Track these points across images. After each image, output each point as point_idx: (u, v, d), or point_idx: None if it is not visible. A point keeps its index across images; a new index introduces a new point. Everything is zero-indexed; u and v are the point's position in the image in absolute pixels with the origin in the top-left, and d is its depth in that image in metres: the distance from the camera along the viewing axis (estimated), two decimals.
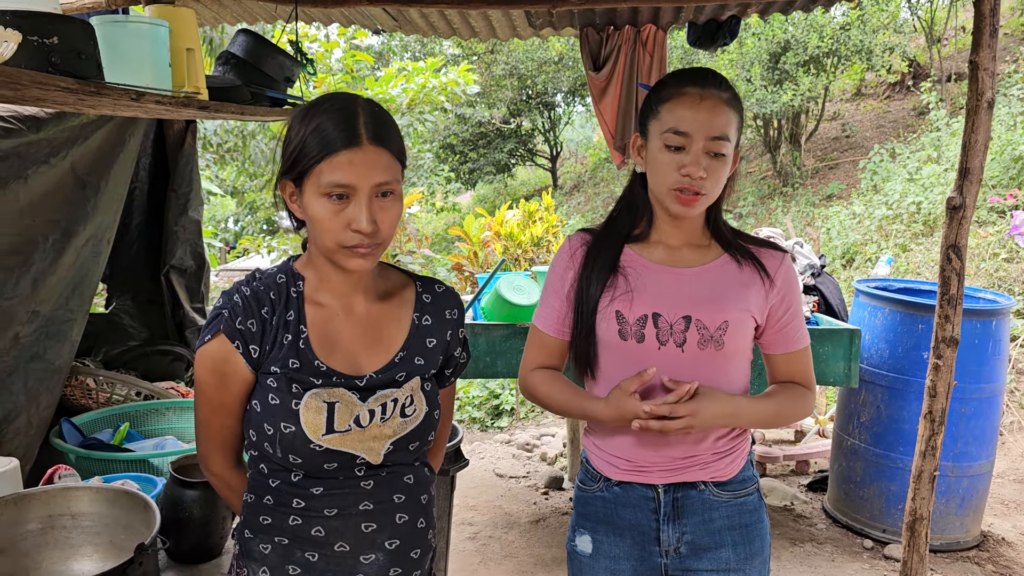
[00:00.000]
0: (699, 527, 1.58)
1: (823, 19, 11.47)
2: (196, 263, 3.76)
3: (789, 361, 1.63)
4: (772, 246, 1.61)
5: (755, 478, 1.66)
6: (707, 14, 3.99)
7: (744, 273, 1.57)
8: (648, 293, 1.55)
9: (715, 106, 1.47)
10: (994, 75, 3.07)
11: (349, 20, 4.07)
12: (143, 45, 2.28)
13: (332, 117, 1.32)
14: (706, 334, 1.52)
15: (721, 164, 1.50)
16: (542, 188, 18.21)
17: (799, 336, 1.62)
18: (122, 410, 3.03)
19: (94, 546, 1.76)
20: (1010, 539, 3.88)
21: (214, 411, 1.44)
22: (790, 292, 1.59)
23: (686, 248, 1.60)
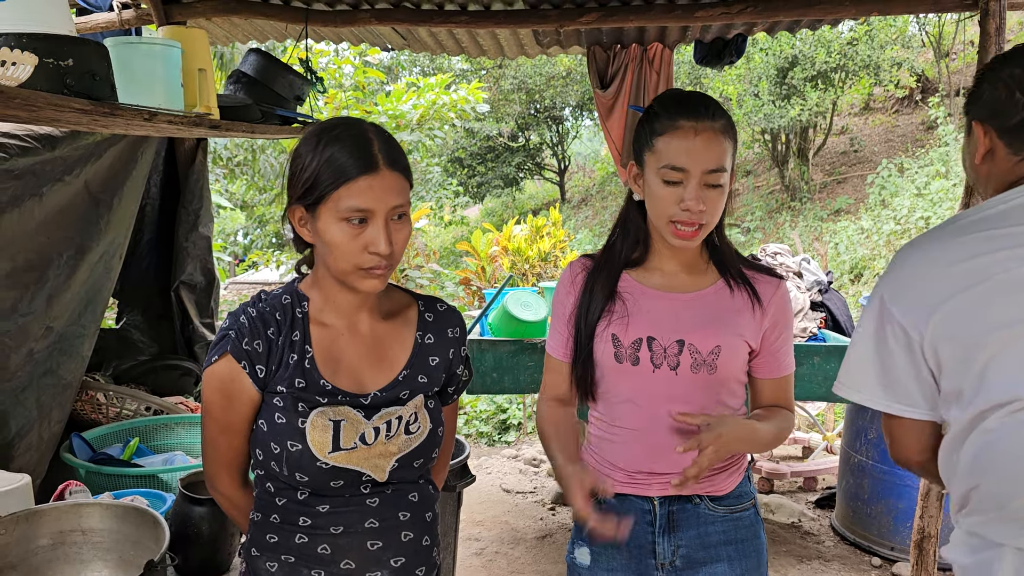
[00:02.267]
0: (694, 541, 1.60)
1: (831, 34, 11.50)
2: (206, 279, 3.79)
3: (776, 386, 1.65)
4: (769, 272, 1.64)
5: (752, 494, 1.68)
6: (713, 32, 4.02)
7: (736, 299, 1.60)
8: (643, 317, 1.58)
9: (710, 139, 1.48)
10: None
11: (359, 38, 4.12)
12: (156, 66, 2.33)
13: (347, 144, 1.35)
14: (699, 358, 1.55)
15: (719, 194, 1.52)
16: (550, 202, 18.26)
17: (788, 362, 1.66)
18: (132, 425, 3.05)
19: (104, 562, 1.78)
20: None
21: (221, 431, 1.45)
22: (783, 319, 1.62)
23: (683, 273, 1.62)
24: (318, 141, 1.37)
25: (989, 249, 1.28)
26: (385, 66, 16.13)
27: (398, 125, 6.58)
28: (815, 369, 3.61)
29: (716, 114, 1.51)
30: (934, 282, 1.32)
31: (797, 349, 3.56)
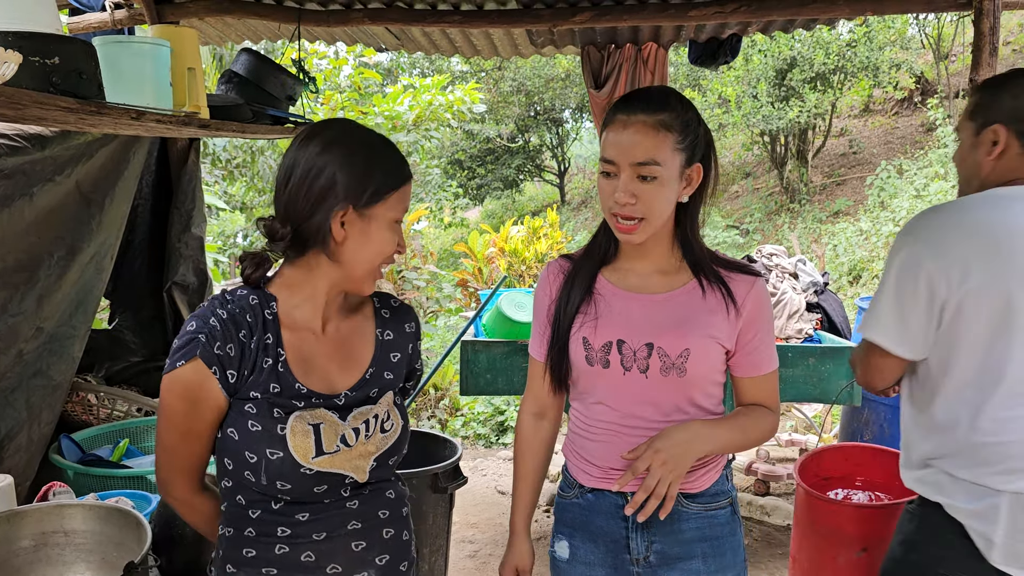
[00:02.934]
0: (668, 537, 1.59)
1: (829, 36, 11.49)
2: (198, 279, 3.78)
3: (756, 384, 1.63)
4: (745, 270, 1.60)
5: (729, 493, 1.66)
6: (708, 32, 4.02)
7: (709, 300, 1.57)
8: (614, 320, 1.57)
9: (640, 131, 1.46)
10: None
11: (352, 39, 4.11)
12: (144, 65, 2.32)
13: (390, 149, 1.42)
14: (668, 361, 1.53)
15: (656, 188, 1.48)
16: (550, 204, 18.25)
17: (767, 360, 1.62)
18: (122, 426, 3.05)
19: (87, 563, 1.77)
20: None
21: (182, 438, 1.38)
22: (760, 317, 1.58)
23: (656, 274, 1.60)
24: (359, 142, 1.39)
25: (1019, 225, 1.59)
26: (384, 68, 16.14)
27: (394, 126, 6.58)
28: (810, 371, 3.59)
29: (658, 108, 1.48)
30: (970, 247, 1.59)
31: (793, 351, 3.56)
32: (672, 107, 1.49)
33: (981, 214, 1.64)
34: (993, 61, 3.07)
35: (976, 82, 3.07)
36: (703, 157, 1.54)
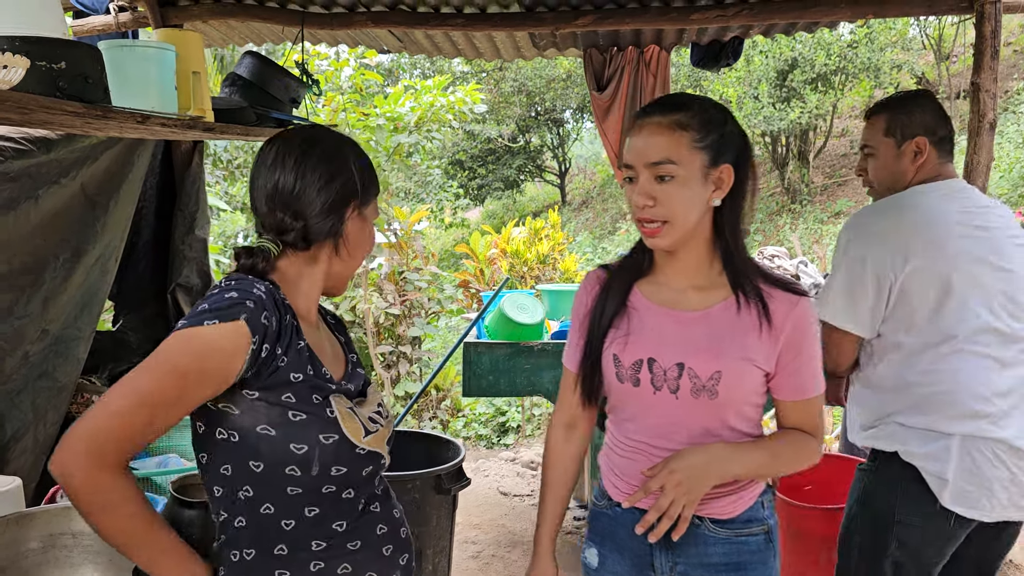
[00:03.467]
0: (692, 559, 1.55)
1: (830, 37, 11.49)
2: (202, 281, 3.79)
3: (796, 408, 1.54)
4: (788, 288, 1.49)
5: (764, 521, 1.57)
6: (710, 35, 4.03)
7: (744, 319, 1.48)
8: (645, 337, 1.53)
9: (654, 131, 1.44)
10: (995, 96, 3.09)
11: (355, 41, 4.12)
12: (149, 69, 2.33)
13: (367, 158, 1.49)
14: (698, 383, 1.47)
15: (674, 188, 1.43)
16: (551, 204, 18.26)
17: (809, 384, 1.52)
18: None
19: (94, 565, 1.78)
20: (1018, 561, 3.84)
21: (164, 407, 1.21)
22: (802, 339, 1.48)
23: (692, 289, 1.53)
24: (351, 145, 1.45)
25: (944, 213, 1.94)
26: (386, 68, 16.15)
27: (396, 127, 6.59)
28: None
29: (673, 109, 1.46)
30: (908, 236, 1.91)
31: None
32: (689, 107, 1.46)
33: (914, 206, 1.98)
34: (994, 64, 3.07)
35: (977, 85, 3.08)
36: (735, 158, 1.47)
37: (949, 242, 1.91)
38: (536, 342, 3.68)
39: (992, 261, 1.91)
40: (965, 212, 1.97)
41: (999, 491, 1.86)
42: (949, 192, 2.01)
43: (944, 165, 2.06)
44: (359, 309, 6.73)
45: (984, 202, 2.06)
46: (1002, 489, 1.86)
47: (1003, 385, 1.88)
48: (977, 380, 1.87)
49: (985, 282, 1.90)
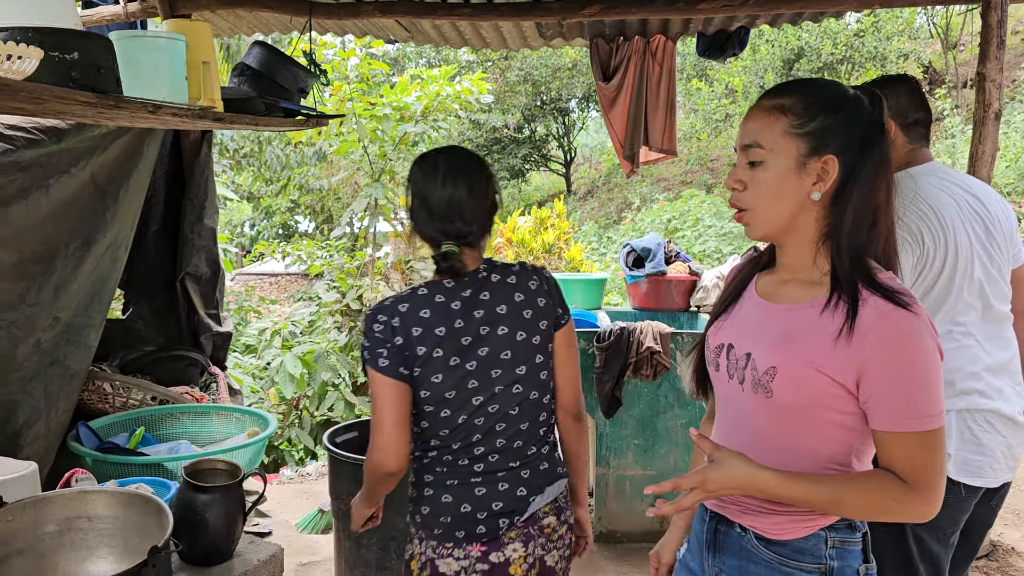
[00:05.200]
0: (735, 570, 1.45)
1: (837, 26, 11.45)
2: (211, 270, 3.82)
3: (888, 443, 1.30)
4: (888, 296, 1.28)
5: (823, 560, 1.38)
6: (716, 25, 4.03)
7: (826, 321, 1.32)
8: (733, 324, 1.48)
9: (753, 115, 1.38)
10: (1001, 86, 3.09)
11: (362, 31, 4.13)
12: (160, 59, 2.34)
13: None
14: (755, 375, 1.38)
15: (760, 174, 1.35)
16: (556, 193, 18.25)
17: (906, 414, 1.27)
18: (137, 415, 3.09)
19: (109, 548, 1.81)
20: (1020, 549, 3.86)
21: None
22: (891, 355, 1.26)
23: (792, 284, 1.42)
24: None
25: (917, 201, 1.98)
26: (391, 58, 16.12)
27: (402, 117, 6.59)
28: None
29: (780, 92, 1.38)
30: (917, 223, 1.94)
31: None
32: (800, 90, 1.36)
33: (912, 192, 2.00)
34: (1000, 54, 3.08)
35: (983, 75, 3.09)
36: (844, 149, 1.33)
37: (951, 227, 1.98)
38: None
39: (981, 243, 2.01)
40: (961, 195, 2.04)
41: (1000, 457, 2.00)
42: (935, 174, 2.08)
43: (918, 150, 2.12)
44: (366, 298, 6.75)
45: (974, 184, 2.12)
46: (1001, 455, 2.01)
47: (989, 361, 2.00)
48: (968, 359, 1.98)
49: (974, 262, 1.99)
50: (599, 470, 3.80)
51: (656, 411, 3.72)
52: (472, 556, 1.74)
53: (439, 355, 1.72)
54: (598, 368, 3.63)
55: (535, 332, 1.81)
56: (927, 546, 2.01)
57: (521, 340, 1.79)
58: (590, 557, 3.72)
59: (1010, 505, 4.38)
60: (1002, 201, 2.13)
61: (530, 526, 1.79)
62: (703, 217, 10.91)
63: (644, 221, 12.02)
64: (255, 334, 7.70)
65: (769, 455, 1.36)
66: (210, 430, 3.22)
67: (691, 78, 15.20)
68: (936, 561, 2.03)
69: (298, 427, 6.48)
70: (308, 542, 3.84)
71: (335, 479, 2.96)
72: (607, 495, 3.80)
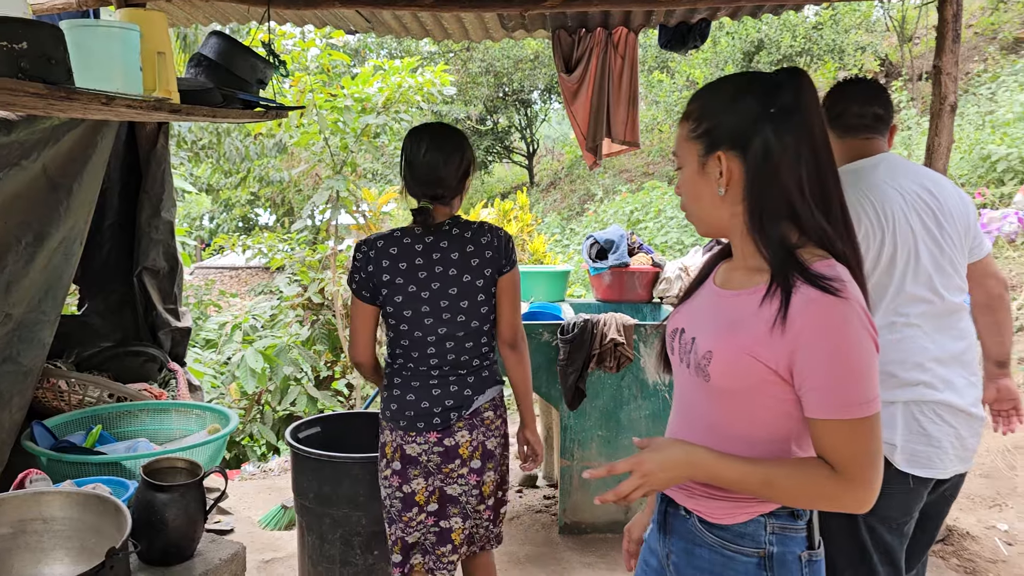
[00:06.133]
0: (683, 554, 1.48)
1: (796, 19, 11.59)
2: (169, 264, 3.76)
3: (819, 431, 1.30)
4: (817, 284, 1.28)
5: (762, 545, 1.39)
6: (677, 17, 4.04)
7: (764, 310, 1.32)
8: (689, 309, 1.52)
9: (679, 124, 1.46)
10: (956, 79, 3.15)
11: (322, 21, 4.08)
12: (113, 49, 2.29)
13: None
14: (696, 359, 1.41)
15: (682, 180, 1.44)
16: (519, 185, 18.26)
17: (831, 402, 1.27)
18: (94, 412, 3.03)
19: (65, 550, 1.78)
20: (974, 533, 3.96)
21: None
22: (818, 342, 1.26)
23: (740, 271, 1.45)
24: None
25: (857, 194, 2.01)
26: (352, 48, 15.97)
27: (364, 108, 6.52)
28: None
29: (690, 100, 1.45)
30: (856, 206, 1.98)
31: None
32: (700, 95, 1.42)
33: (853, 184, 2.02)
34: (956, 48, 3.14)
35: (939, 68, 3.14)
36: (736, 144, 1.34)
37: (892, 218, 2.00)
38: None
39: (931, 235, 2.02)
40: (909, 186, 2.06)
41: (948, 448, 2.01)
42: (881, 165, 2.10)
43: (867, 143, 2.15)
44: (328, 291, 6.69)
45: (929, 176, 2.14)
46: (951, 446, 2.01)
47: (937, 352, 2.01)
48: (913, 350, 1.99)
49: (920, 253, 2.01)
50: (564, 462, 3.81)
51: (620, 403, 3.74)
52: (430, 441, 2.26)
53: (400, 283, 2.24)
54: (562, 360, 3.64)
55: (479, 276, 2.28)
56: (880, 536, 2.04)
57: (466, 281, 2.27)
58: (554, 548, 3.74)
59: (965, 490, 4.49)
60: (960, 194, 2.13)
61: (474, 418, 2.30)
62: (665, 208, 10.98)
63: (607, 213, 12.07)
64: (215, 328, 7.60)
65: (710, 438, 1.39)
66: (169, 427, 3.17)
67: (652, 70, 15.28)
68: (890, 551, 2.05)
69: (260, 422, 6.41)
70: (271, 538, 3.80)
71: (298, 475, 2.93)
72: (572, 487, 3.82)
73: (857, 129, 2.16)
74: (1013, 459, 4.82)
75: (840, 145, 2.17)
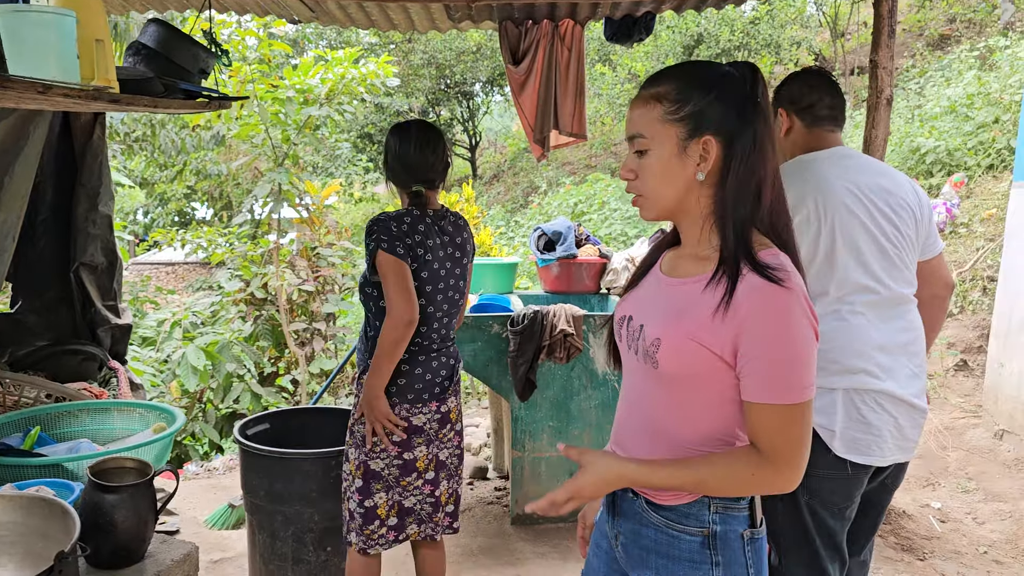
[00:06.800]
0: (631, 535, 1.52)
1: (734, 14, 11.79)
2: (108, 259, 3.64)
3: (751, 413, 1.35)
4: (762, 273, 1.32)
5: (706, 524, 1.44)
6: (623, 9, 4.07)
7: (708, 296, 1.36)
8: (636, 297, 1.55)
9: (634, 106, 1.44)
10: (892, 73, 3.24)
11: (264, 10, 3.99)
12: (48, 36, 2.20)
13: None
14: (644, 346, 1.43)
15: (647, 162, 1.41)
16: (462, 178, 18.21)
17: (769, 387, 1.32)
18: (32, 413, 2.93)
19: (9, 556, 1.71)
20: (910, 512, 4.11)
21: None
22: (758, 328, 1.31)
23: (687, 259, 1.48)
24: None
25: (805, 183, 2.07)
26: (291, 38, 15.68)
27: (306, 100, 6.41)
28: None
29: (656, 80, 1.42)
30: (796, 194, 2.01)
31: None
32: (672, 77, 1.41)
33: (799, 172, 2.11)
34: (891, 43, 3.23)
35: (875, 63, 3.23)
36: (721, 128, 1.37)
37: (833, 209, 2.03)
38: None
39: (880, 228, 2.05)
40: (860, 179, 2.08)
41: (887, 437, 2.03)
42: (834, 158, 2.14)
43: (823, 134, 2.19)
44: (271, 286, 6.58)
45: (883, 170, 2.17)
46: (889, 435, 2.04)
47: (881, 340, 2.03)
48: (855, 338, 2.02)
49: (862, 244, 2.03)
50: (515, 453, 3.82)
51: (570, 393, 3.76)
52: (431, 410, 2.49)
53: (428, 258, 2.42)
54: (512, 352, 3.65)
55: (467, 257, 2.57)
56: (822, 519, 2.08)
57: (464, 262, 2.56)
58: (507, 539, 3.75)
59: None
60: (916, 190, 2.17)
61: (456, 384, 2.59)
62: (608, 200, 11.07)
63: (551, 205, 12.11)
64: (153, 326, 7.40)
65: (658, 424, 1.44)
66: (111, 427, 3.07)
67: (595, 63, 15.38)
68: (832, 534, 2.10)
69: (202, 421, 6.27)
70: (218, 538, 3.72)
71: (247, 472, 2.88)
72: (523, 478, 3.83)
73: (825, 120, 2.19)
74: (945, 440, 5.01)
75: (806, 134, 2.20)
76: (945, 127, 8.41)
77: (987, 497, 4.34)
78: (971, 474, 4.62)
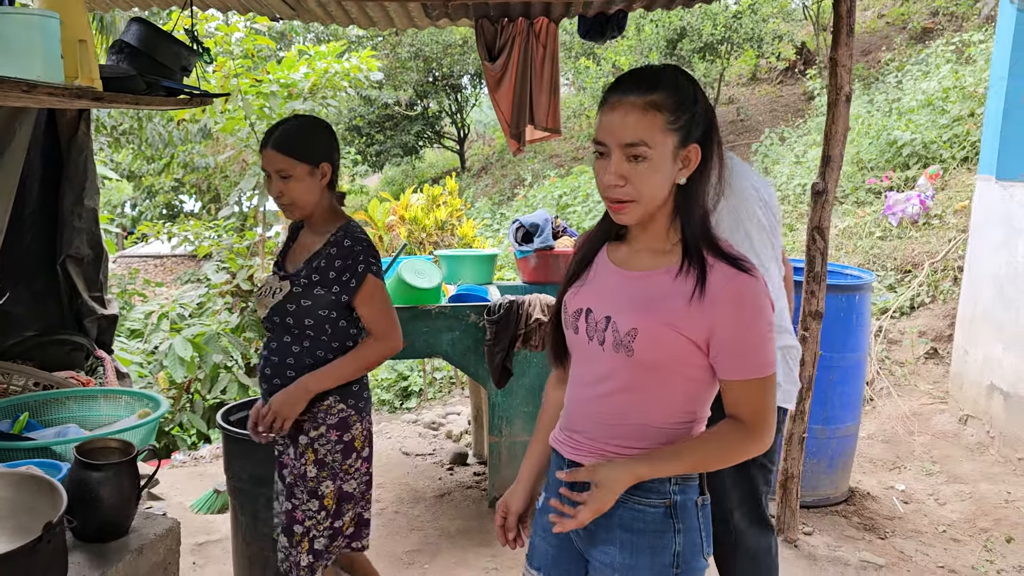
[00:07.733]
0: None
1: (717, 7, 11.89)
2: (94, 252, 3.74)
3: (735, 390, 1.52)
4: (732, 263, 1.48)
5: (668, 495, 1.56)
6: (596, 8, 4.18)
7: (679, 285, 1.49)
8: (591, 289, 1.61)
9: (627, 112, 1.45)
10: (851, 71, 3.36)
11: (246, 8, 4.08)
12: (32, 36, 2.29)
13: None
14: (618, 337, 1.51)
15: (646, 169, 1.45)
16: (450, 170, 18.26)
17: (751, 364, 1.49)
18: (20, 400, 3.03)
19: (0, 530, 1.82)
20: (875, 494, 4.25)
21: None
22: (738, 314, 1.46)
23: (645, 252, 1.57)
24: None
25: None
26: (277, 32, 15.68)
27: (290, 94, 6.50)
28: None
29: (649, 88, 1.46)
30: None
31: None
32: (664, 86, 1.46)
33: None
34: (850, 41, 3.34)
35: (834, 60, 3.35)
36: (702, 137, 1.49)
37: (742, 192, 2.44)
38: (434, 306, 3.80)
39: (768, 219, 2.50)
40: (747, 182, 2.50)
41: (795, 383, 2.58)
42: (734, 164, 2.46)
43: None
44: (257, 278, 6.67)
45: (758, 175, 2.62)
46: (795, 382, 2.57)
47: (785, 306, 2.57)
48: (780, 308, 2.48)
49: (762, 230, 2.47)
50: (492, 438, 3.94)
51: (545, 379, 3.87)
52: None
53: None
54: (489, 340, 3.76)
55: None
56: (768, 470, 2.53)
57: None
58: (484, 521, 3.88)
59: (867, 454, 4.80)
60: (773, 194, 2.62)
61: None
62: (592, 193, 11.18)
63: (536, 197, 12.22)
64: (141, 318, 7.48)
65: (628, 405, 1.55)
66: (98, 414, 3.18)
67: (579, 56, 15.47)
68: (770, 480, 2.61)
69: (189, 411, 6.36)
70: (204, 522, 3.84)
71: (230, 457, 2.99)
72: (500, 463, 3.95)
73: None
74: (912, 425, 5.15)
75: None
76: (921, 120, 8.55)
77: (949, 479, 4.49)
78: (935, 457, 4.77)
